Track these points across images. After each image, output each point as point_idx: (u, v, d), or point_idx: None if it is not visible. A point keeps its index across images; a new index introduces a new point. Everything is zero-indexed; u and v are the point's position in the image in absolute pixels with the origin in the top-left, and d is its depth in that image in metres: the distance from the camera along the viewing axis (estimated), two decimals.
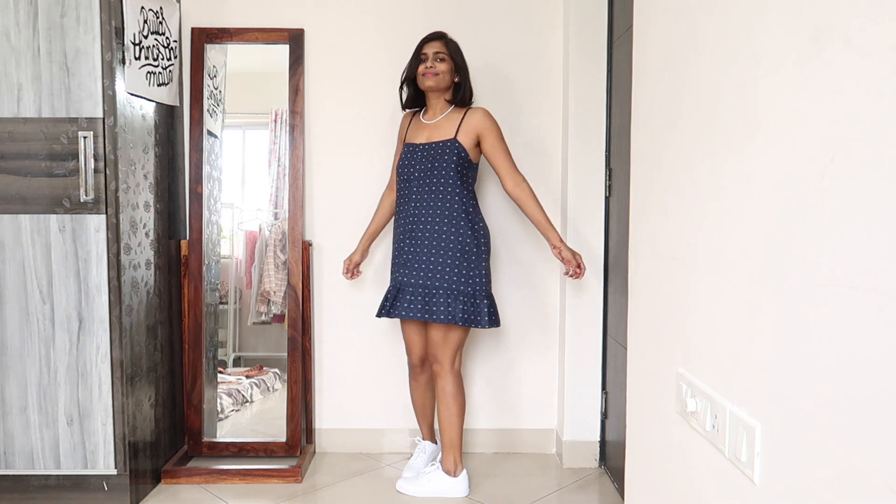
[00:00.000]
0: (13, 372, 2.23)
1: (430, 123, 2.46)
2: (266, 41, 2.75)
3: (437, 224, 2.35)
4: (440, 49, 2.41)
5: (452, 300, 2.32)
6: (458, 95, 2.45)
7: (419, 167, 2.40)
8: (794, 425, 0.79)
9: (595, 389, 2.72)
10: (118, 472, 2.26)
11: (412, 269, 2.38)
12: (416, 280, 2.36)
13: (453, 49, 2.45)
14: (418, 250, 2.37)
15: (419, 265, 2.36)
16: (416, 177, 2.40)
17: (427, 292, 2.34)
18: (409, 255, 2.39)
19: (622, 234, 2.40)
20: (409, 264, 2.39)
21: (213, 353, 2.87)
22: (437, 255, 2.34)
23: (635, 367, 1.44)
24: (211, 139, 2.80)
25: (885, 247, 0.62)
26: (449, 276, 2.33)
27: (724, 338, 0.98)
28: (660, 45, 1.27)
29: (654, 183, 1.30)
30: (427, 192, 2.38)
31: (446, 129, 2.41)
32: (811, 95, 0.75)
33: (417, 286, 2.36)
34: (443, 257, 2.34)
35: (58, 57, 2.16)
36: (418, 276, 2.36)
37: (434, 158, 2.37)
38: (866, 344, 0.65)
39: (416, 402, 2.63)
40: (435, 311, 2.32)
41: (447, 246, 2.34)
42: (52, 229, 2.20)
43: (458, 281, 2.33)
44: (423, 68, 2.40)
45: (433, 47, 2.42)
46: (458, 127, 2.39)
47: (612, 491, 2.50)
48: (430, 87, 2.41)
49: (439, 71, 2.39)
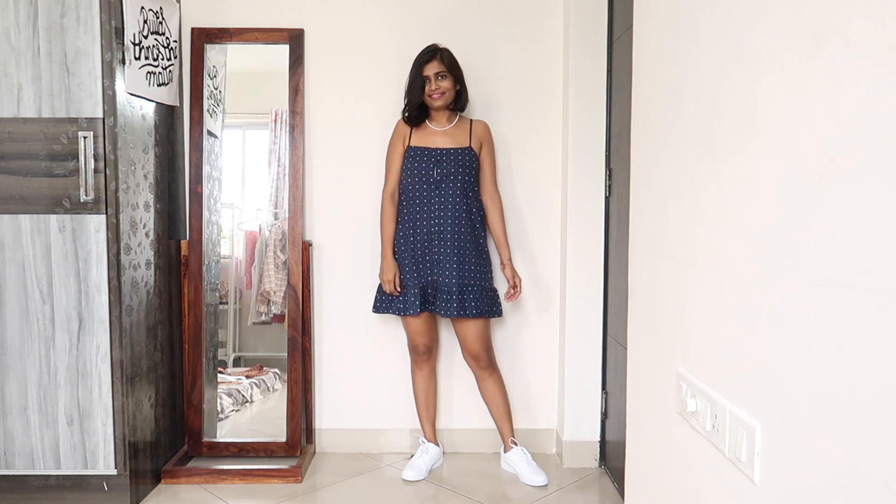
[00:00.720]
0: (13, 372, 2.23)
1: (441, 130, 2.57)
2: (266, 41, 2.75)
3: (462, 225, 2.51)
4: (440, 69, 2.51)
5: (482, 296, 2.50)
6: (459, 103, 2.58)
7: (438, 170, 2.51)
8: (794, 425, 0.79)
9: (595, 389, 2.72)
10: (118, 473, 2.26)
11: (444, 269, 2.50)
12: (450, 279, 2.48)
13: (449, 62, 2.53)
14: (448, 250, 2.49)
15: (450, 264, 2.49)
16: (437, 180, 2.51)
17: (461, 290, 2.48)
18: (439, 255, 2.51)
19: (622, 234, 2.40)
20: (442, 263, 2.50)
21: (213, 353, 2.87)
22: (465, 254, 2.50)
23: (635, 367, 1.44)
24: (211, 139, 2.80)
25: (885, 247, 0.62)
26: (476, 273, 2.50)
27: (724, 338, 0.98)
28: (660, 44, 1.27)
29: (653, 183, 1.30)
30: (451, 195, 2.51)
31: (459, 136, 2.56)
32: (811, 95, 0.75)
33: (452, 284, 2.48)
34: (468, 255, 2.50)
35: (58, 57, 2.16)
36: (451, 274, 2.48)
37: (454, 163, 2.51)
38: (866, 344, 0.65)
39: (420, 393, 2.69)
40: (468, 307, 2.47)
41: (472, 244, 2.52)
42: (52, 229, 2.20)
43: (482, 278, 2.53)
44: (430, 90, 2.51)
45: (433, 68, 2.50)
46: (469, 135, 2.56)
47: (612, 491, 2.50)
48: (440, 107, 2.53)
49: (445, 89, 2.51)
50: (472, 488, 2.49)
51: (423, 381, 2.69)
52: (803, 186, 0.76)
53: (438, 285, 2.51)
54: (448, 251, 2.49)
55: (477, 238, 2.54)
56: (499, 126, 2.78)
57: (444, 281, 2.49)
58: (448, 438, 2.86)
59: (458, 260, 2.49)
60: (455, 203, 2.50)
